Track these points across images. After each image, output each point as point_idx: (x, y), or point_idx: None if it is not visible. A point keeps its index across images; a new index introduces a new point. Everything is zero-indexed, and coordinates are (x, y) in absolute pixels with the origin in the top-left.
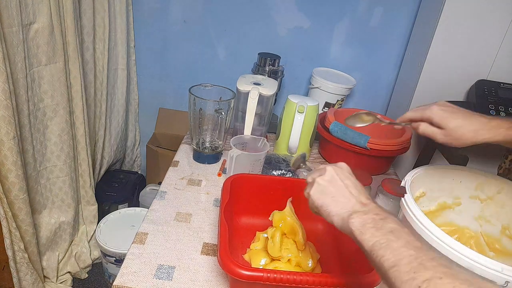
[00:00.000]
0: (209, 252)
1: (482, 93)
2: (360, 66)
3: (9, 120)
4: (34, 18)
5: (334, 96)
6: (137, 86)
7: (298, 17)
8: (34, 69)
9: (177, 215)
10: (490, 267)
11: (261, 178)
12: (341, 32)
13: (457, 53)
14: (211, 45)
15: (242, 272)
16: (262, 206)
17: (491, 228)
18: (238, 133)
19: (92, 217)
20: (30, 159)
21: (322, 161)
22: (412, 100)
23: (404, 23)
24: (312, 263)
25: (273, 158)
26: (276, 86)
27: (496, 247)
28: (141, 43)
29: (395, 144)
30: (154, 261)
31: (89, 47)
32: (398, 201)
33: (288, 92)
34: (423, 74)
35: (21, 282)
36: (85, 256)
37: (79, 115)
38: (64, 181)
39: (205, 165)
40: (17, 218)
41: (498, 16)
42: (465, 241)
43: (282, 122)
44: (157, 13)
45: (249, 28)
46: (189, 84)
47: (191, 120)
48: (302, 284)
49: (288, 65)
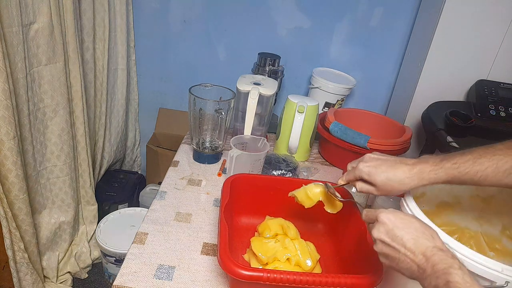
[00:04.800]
0: (209, 252)
1: (482, 93)
2: (360, 66)
3: (9, 120)
4: (34, 18)
5: (334, 96)
6: (137, 86)
7: (298, 17)
8: (34, 69)
9: (177, 215)
10: (490, 267)
11: (261, 178)
12: (341, 32)
13: (457, 53)
14: (211, 45)
15: (242, 272)
16: (262, 206)
17: (491, 228)
18: (238, 133)
19: (92, 217)
20: (30, 159)
21: (322, 161)
22: (412, 100)
23: (404, 23)
24: (312, 263)
25: (273, 158)
26: (276, 86)
27: (496, 247)
28: (141, 43)
29: (395, 144)
30: (154, 261)
31: (89, 47)
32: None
33: (288, 92)
34: (423, 74)
35: (21, 282)
36: (85, 256)
37: (79, 115)
38: (64, 181)
39: (205, 165)
40: (17, 218)
41: (498, 16)
42: (465, 241)
43: (282, 122)
44: (157, 13)
45: (249, 28)
46: (189, 84)
47: (191, 120)
48: (302, 284)
49: (288, 65)
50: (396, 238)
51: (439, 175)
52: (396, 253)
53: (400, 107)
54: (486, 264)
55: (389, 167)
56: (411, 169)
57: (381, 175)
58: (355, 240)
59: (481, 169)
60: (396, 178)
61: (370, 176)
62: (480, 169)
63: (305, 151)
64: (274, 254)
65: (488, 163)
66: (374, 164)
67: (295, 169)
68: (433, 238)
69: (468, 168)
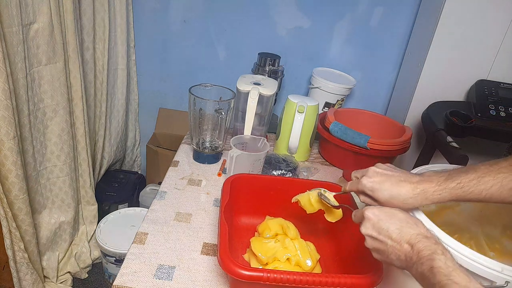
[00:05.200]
0: (209, 252)
1: (482, 93)
2: (360, 66)
3: (9, 120)
4: (34, 18)
5: (334, 96)
6: (137, 86)
7: (298, 17)
8: (34, 69)
9: (177, 215)
10: (490, 267)
11: (261, 178)
12: (341, 32)
13: (457, 53)
14: (211, 45)
15: (242, 272)
16: (262, 206)
17: (491, 228)
18: (238, 133)
19: (92, 217)
20: (30, 159)
21: (322, 161)
22: (412, 100)
23: (404, 23)
24: (312, 263)
25: (273, 158)
26: (276, 86)
27: (496, 247)
28: (141, 43)
29: (395, 144)
30: (154, 261)
31: (89, 47)
32: None
33: (288, 92)
34: (423, 74)
35: (21, 282)
36: (85, 256)
37: (79, 115)
38: (64, 181)
39: (205, 165)
40: (17, 218)
41: (498, 16)
42: (465, 241)
43: (282, 122)
44: (157, 13)
45: (249, 28)
46: (189, 84)
47: (191, 120)
48: (302, 284)
49: (288, 65)
50: (382, 230)
51: (443, 195)
52: (384, 246)
53: (400, 107)
54: (486, 264)
55: (393, 185)
56: (414, 188)
57: (384, 193)
58: (355, 240)
59: (485, 188)
60: (400, 197)
61: (373, 192)
62: (485, 188)
63: (305, 151)
64: (274, 254)
65: (493, 182)
66: (378, 180)
67: (295, 169)
68: (417, 225)
69: (473, 187)
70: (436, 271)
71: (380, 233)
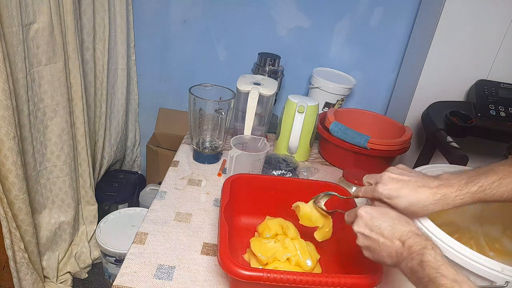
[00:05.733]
0: (209, 252)
1: (482, 93)
2: (360, 66)
3: (9, 120)
4: (34, 18)
5: (334, 96)
6: (137, 86)
7: (298, 17)
8: (34, 69)
9: (177, 215)
10: (490, 267)
11: (261, 178)
12: (341, 32)
13: (457, 53)
14: (211, 45)
15: (242, 272)
16: (262, 206)
17: (491, 228)
18: (238, 133)
19: (92, 217)
20: (30, 159)
21: (322, 161)
22: (412, 100)
23: (404, 23)
24: (312, 263)
25: (273, 158)
26: (276, 86)
27: (496, 247)
28: (141, 43)
29: (395, 144)
30: (154, 261)
31: (89, 47)
32: None
33: (288, 92)
34: (423, 74)
35: (21, 282)
36: (85, 256)
37: (79, 115)
38: (64, 181)
39: (205, 165)
40: (17, 218)
41: (498, 16)
42: (465, 241)
43: (282, 122)
44: (157, 13)
45: (249, 28)
46: (189, 84)
47: (191, 120)
48: (302, 284)
49: (288, 65)
50: (375, 227)
51: (465, 200)
52: (376, 243)
53: (400, 107)
54: (486, 264)
55: (411, 191)
56: (435, 194)
57: (402, 200)
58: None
59: (507, 189)
60: (420, 203)
61: (391, 200)
62: (507, 190)
63: (305, 151)
64: (274, 254)
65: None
66: (395, 187)
67: (295, 169)
68: (408, 223)
69: (494, 190)
70: (426, 265)
71: (373, 231)
